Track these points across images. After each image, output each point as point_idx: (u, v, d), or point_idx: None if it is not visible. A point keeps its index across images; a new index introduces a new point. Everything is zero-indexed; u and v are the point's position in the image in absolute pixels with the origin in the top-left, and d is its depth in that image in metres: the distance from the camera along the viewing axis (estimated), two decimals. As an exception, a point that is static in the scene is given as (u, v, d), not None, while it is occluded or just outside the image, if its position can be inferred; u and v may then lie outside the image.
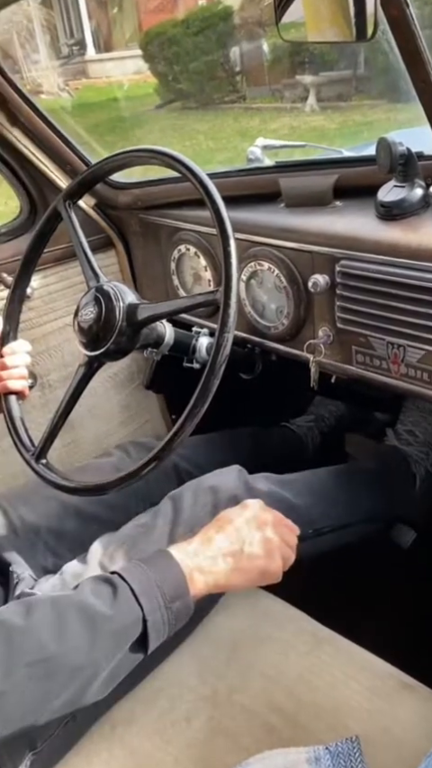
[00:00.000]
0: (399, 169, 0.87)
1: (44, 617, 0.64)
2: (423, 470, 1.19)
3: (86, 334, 0.94)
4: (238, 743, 0.73)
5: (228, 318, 0.81)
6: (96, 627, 0.64)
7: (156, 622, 0.67)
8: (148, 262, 1.34)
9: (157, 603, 0.67)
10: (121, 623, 0.66)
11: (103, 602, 0.66)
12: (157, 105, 7.96)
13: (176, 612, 0.69)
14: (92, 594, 0.67)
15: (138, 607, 0.66)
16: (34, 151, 1.24)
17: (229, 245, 0.82)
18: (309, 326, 1.02)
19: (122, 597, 0.66)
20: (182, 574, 0.70)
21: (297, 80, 7.07)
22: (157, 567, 0.71)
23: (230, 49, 7.67)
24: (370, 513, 1.08)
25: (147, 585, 0.68)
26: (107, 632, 0.65)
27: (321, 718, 0.74)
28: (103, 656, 0.64)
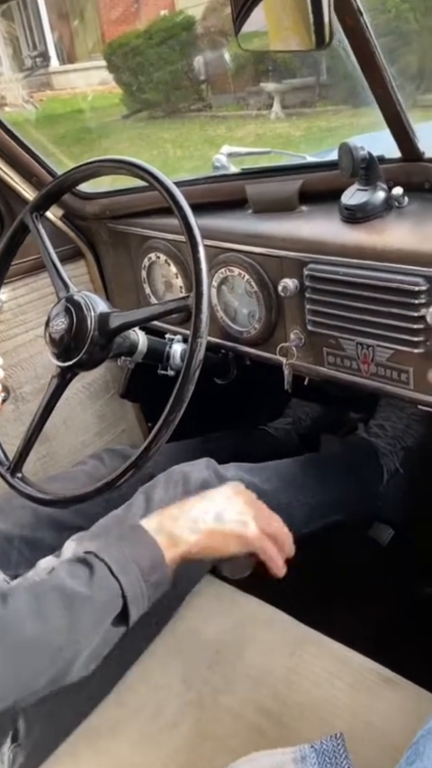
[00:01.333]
0: (361, 173, 0.89)
1: (21, 603, 0.64)
2: (392, 465, 1.21)
3: (58, 345, 0.94)
4: (225, 746, 0.73)
5: (200, 324, 0.82)
6: (75, 607, 0.64)
7: (135, 596, 0.67)
8: (118, 271, 1.34)
9: (135, 577, 0.68)
10: (99, 601, 0.66)
11: (80, 582, 0.66)
12: (123, 115, 7.97)
13: (155, 584, 0.69)
14: (68, 576, 0.67)
15: (116, 583, 0.67)
16: (0, 164, 1.23)
17: (198, 251, 0.83)
18: (280, 330, 1.03)
19: (99, 575, 0.67)
20: (156, 546, 0.71)
21: (261, 88, 7.14)
22: (132, 543, 0.71)
23: (194, 59, 7.72)
24: (338, 499, 1.10)
25: (123, 561, 0.68)
26: (86, 611, 0.65)
27: (306, 716, 0.75)
28: (84, 635, 0.64)
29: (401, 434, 1.24)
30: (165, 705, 0.77)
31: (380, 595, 1.18)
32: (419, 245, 0.82)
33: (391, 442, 1.23)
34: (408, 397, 0.89)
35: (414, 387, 0.88)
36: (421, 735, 0.62)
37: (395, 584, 1.21)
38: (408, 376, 0.88)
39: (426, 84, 5.99)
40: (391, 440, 1.23)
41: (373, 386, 0.93)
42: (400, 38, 5.72)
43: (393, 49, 5.55)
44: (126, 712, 0.78)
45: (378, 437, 1.23)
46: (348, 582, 1.09)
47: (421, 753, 0.59)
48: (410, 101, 4.22)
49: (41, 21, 9.62)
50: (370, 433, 1.24)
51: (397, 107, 0.81)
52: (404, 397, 0.90)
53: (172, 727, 0.75)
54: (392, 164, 0.91)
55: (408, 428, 1.25)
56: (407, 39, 5.83)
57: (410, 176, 0.90)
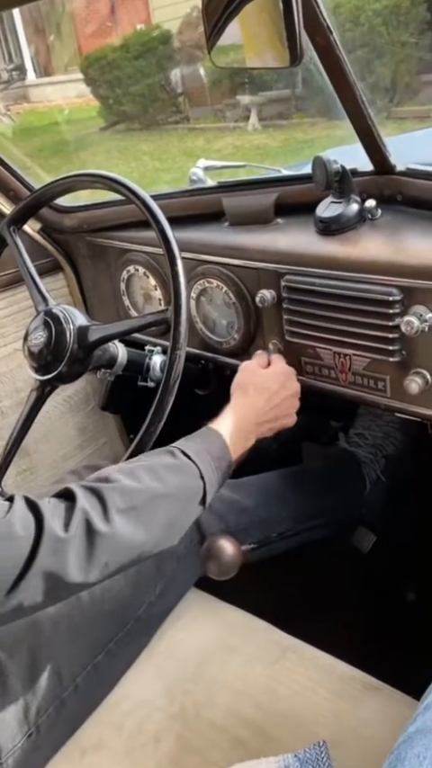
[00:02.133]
0: (335, 186, 0.91)
1: (122, 477, 0.72)
2: (373, 474, 1.22)
3: (37, 359, 0.94)
4: (208, 759, 0.73)
5: (179, 336, 0.83)
6: (165, 477, 0.74)
7: (209, 476, 0.78)
8: (97, 284, 1.34)
9: (209, 463, 0.78)
10: (183, 476, 0.76)
11: (165, 462, 0.76)
12: (101, 127, 7.99)
13: (222, 469, 0.80)
14: (155, 458, 0.77)
15: (194, 465, 0.77)
16: (-25, 178, 1.23)
17: (176, 264, 0.84)
18: (259, 340, 1.04)
19: (180, 459, 0.77)
20: (223, 441, 0.83)
21: (238, 100, 7.22)
22: (203, 438, 0.83)
23: (171, 72, 7.78)
24: (322, 513, 1.11)
25: (197, 451, 0.79)
26: (174, 480, 0.75)
27: (289, 726, 0.75)
28: (178, 490, 0.75)
29: (381, 443, 1.25)
30: (148, 720, 0.77)
31: (362, 603, 1.18)
32: (393, 257, 0.84)
33: (372, 450, 1.24)
34: (385, 404, 0.91)
35: (391, 395, 0.89)
36: (402, 740, 0.62)
37: (377, 591, 1.21)
38: (384, 384, 0.89)
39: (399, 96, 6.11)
40: (371, 449, 1.24)
41: (351, 394, 0.94)
42: (373, 51, 5.83)
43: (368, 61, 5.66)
44: (110, 729, 0.78)
45: (359, 446, 1.24)
46: (330, 590, 1.10)
47: (403, 758, 0.60)
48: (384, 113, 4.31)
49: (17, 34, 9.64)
50: (350, 443, 1.25)
51: (368, 121, 0.83)
52: (381, 404, 0.91)
53: (155, 743, 0.75)
54: (365, 177, 0.93)
55: (387, 436, 1.26)
56: (380, 52, 5.94)
57: (383, 189, 0.92)
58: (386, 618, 1.19)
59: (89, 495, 0.68)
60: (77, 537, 0.64)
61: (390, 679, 0.81)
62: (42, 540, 0.63)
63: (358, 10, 5.87)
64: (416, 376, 0.84)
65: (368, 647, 0.89)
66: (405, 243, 0.86)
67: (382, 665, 0.82)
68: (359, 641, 0.94)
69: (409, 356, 0.85)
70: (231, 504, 1.00)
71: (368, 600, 1.20)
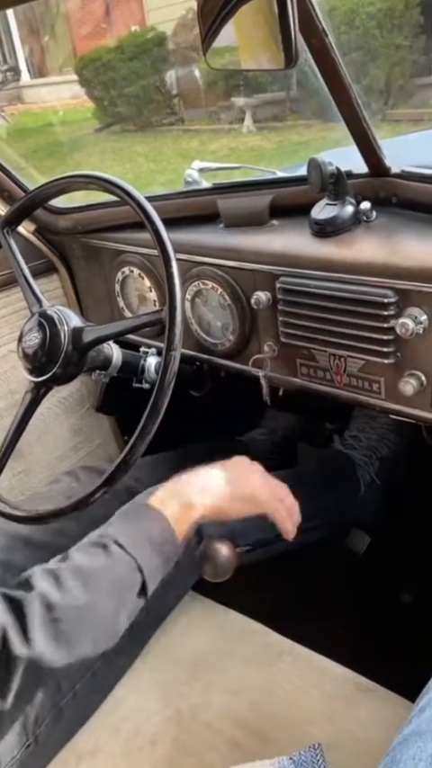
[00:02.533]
0: (330, 188, 0.91)
1: (45, 584, 0.67)
2: (368, 476, 1.22)
3: (31, 360, 0.93)
4: (204, 761, 0.73)
5: (174, 337, 0.82)
6: (95, 581, 0.68)
7: (149, 568, 0.70)
8: (91, 285, 1.34)
9: (147, 553, 0.71)
10: (117, 573, 0.70)
11: (95, 560, 0.70)
12: (95, 129, 7.99)
13: (166, 554, 0.73)
14: (83, 557, 0.70)
15: (130, 558, 0.70)
16: (-31, 179, 1.23)
17: (170, 265, 0.84)
18: (254, 342, 1.04)
19: (113, 552, 0.70)
20: (164, 519, 0.74)
21: (233, 102, 7.23)
22: (139, 520, 0.75)
23: (166, 73, 7.79)
24: (317, 515, 1.10)
25: (134, 538, 0.72)
26: (105, 583, 0.69)
27: (284, 728, 0.75)
28: (109, 602, 0.68)
29: (376, 445, 1.25)
30: (144, 724, 0.77)
31: (357, 605, 1.18)
32: (388, 259, 0.84)
33: (367, 453, 1.25)
34: (379, 406, 0.91)
35: (385, 396, 0.89)
36: (398, 742, 0.62)
37: (372, 593, 1.21)
38: (379, 386, 0.89)
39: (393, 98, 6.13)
40: (366, 451, 1.24)
41: (346, 396, 0.94)
42: (367, 53, 5.85)
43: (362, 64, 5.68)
44: (106, 734, 0.77)
45: (353, 449, 1.25)
46: (325, 592, 1.10)
47: (398, 760, 0.60)
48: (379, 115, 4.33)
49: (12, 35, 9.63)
50: (345, 445, 1.25)
51: (363, 124, 0.83)
52: (376, 406, 0.91)
53: (151, 746, 0.75)
54: (360, 179, 0.93)
55: (382, 438, 1.26)
56: (374, 54, 5.96)
57: (378, 191, 0.93)
58: (381, 620, 1.19)
59: (8, 610, 0.64)
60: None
61: (385, 681, 0.81)
62: None
63: (353, 13, 5.89)
64: (410, 378, 0.84)
65: (363, 649, 0.89)
66: (400, 245, 0.86)
67: (377, 666, 0.82)
68: (354, 643, 0.94)
69: (404, 358, 0.85)
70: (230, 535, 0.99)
71: (363, 602, 1.20)
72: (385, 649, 1.06)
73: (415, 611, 1.20)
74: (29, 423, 0.98)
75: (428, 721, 0.63)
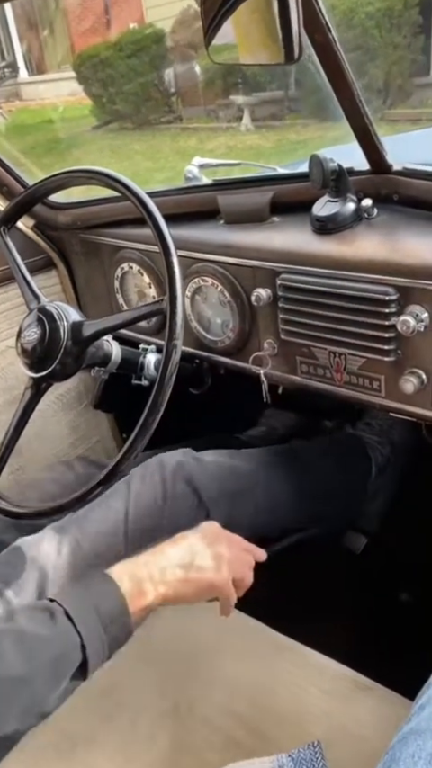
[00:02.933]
0: (331, 185, 0.90)
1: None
2: (380, 457, 1.21)
3: (30, 356, 0.93)
4: (202, 758, 0.72)
5: (175, 326, 0.81)
6: (34, 653, 0.63)
7: (95, 647, 0.65)
8: (91, 281, 1.33)
9: (95, 630, 0.66)
10: (59, 649, 0.64)
11: (40, 628, 0.64)
12: (93, 126, 7.97)
13: (115, 634, 0.67)
14: (29, 621, 0.65)
15: (75, 633, 0.65)
16: (-32, 174, 1.22)
17: (170, 254, 0.83)
18: (254, 339, 1.04)
19: (59, 623, 0.65)
20: (120, 595, 0.69)
21: (231, 101, 7.22)
22: (96, 591, 0.69)
23: (164, 71, 7.78)
24: (324, 485, 1.09)
25: (84, 611, 0.66)
26: (45, 657, 0.63)
27: (283, 725, 0.75)
28: (42, 679, 0.63)
29: (388, 429, 1.24)
30: (141, 716, 0.76)
31: (356, 603, 1.18)
32: (389, 256, 0.84)
33: (379, 434, 1.24)
34: (379, 404, 0.91)
35: (386, 395, 0.89)
36: (397, 740, 0.62)
37: (371, 591, 1.21)
38: (379, 384, 0.89)
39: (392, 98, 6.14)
40: (378, 434, 1.24)
41: (346, 394, 0.94)
42: (366, 53, 5.86)
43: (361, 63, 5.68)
44: (102, 724, 0.77)
45: (364, 432, 1.24)
46: (325, 591, 1.10)
47: (397, 758, 0.60)
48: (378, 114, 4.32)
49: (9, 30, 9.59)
50: (357, 429, 1.25)
51: (365, 120, 0.83)
52: (376, 404, 0.91)
53: (148, 740, 0.74)
54: (362, 176, 0.93)
55: (394, 425, 1.25)
56: (373, 54, 5.97)
57: (379, 188, 0.92)
58: (381, 618, 1.19)
59: None
60: None
61: (384, 679, 0.81)
62: None
63: (351, 12, 5.90)
64: (411, 376, 0.84)
65: (363, 648, 0.89)
66: (401, 242, 0.86)
67: (376, 665, 0.82)
68: (354, 642, 0.94)
69: (405, 356, 0.85)
70: (230, 468, 0.98)
71: (363, 601, 1.20)
72: (385, 648, 1.06)
73: (414, 610, 1.20)
74: (28, 420, 0.97)
75: (428, 719, 0.63)
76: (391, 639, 1.09)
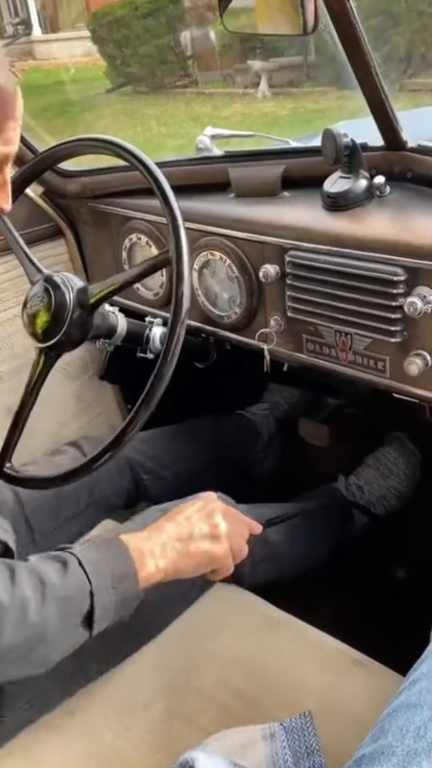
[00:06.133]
0: (344, 160, 0.89)
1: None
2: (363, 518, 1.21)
3: (37, 325, 0.93)
4: (196, 725, 0.74)
5: (182, 269, 0.79)
6: (46, 588, 0.65)
7: (102, 598, 0.67)
8: (98, 251, 1.32)
9: (104, 583, 0.68)
10: (69, 590, 0.66)
11: (54, 570, 0.67)
12: (107, 89, 7.81)
13: (123, 593, 0.69)
14: (44, 563, 0.68)
15: (86, 581, 0.67)
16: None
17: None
18: (261, 316, 1.03)
19: (72, 569, 0.67)
20: (130, 557, 0.71)
21: (248, 65, 7.05)
22: (107, 551, 0.72)
23: (181, 33, 7.58)
24: None
25: (96, 564, 0.69)
26: (55, 595, 0.65)
27: (277, 697, 0.76)
28: (51, 616, 0.64)
29: (375, 503, 1.23)
30: (136, 688, 0.78)
31: (352, 580, 1.20)
32: (399, 236, 0.83)
33: (367, 503, 1.22)
34: (384, 385, 0.90)
35: (390, 375, 0.89)
36: (387, 713, 0.64)
37: (367, 568, 1.23)
38: (384, 365, 0.89)
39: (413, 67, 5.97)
40: (366, 504, 1.22)
41: (351, 374, 0.94)
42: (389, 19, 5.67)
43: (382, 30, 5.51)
44: (97, 694, 0.79)
45: (354, 497, 1.22)
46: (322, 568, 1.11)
47: (386, 730, 0.61)
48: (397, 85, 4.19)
49: (24, -14, 9.35)
50: (348, 492, 1.23)
51: (381, 94, 0.81)
52: (380, 384, 0.91)
53: (143, 709, 0.76)
54: (375, 152, 0.91)
55: (383, 498, 1.23)
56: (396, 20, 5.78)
57: (393, 165, 0.91)
58: (376, 595, 1.20)
59: None
60: None
61: (378, 655, 0.82)
62: None
63: (376, -25, 5.70)
64: (416, 357, 0.84)
65: (357, 624, 0.90)
66: (413, 222, 0.84)
67: (370, 641, 0.83)
68: (349, 618, 0.95)
69: (411, 337, 0.85)
70: None
71: (359, 577, 1.21)
72: (380, 624, 1.07)
73: (409, 589, 1.22)
74: (39, 391, 0.98)
75: (418, 694, 0.64)
76: (387, 616, 1.11)
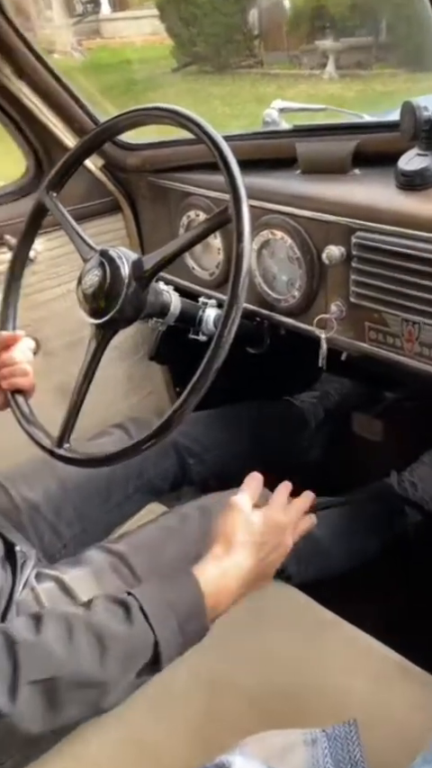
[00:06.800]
0: (422, 136, 0.83)
1: (54, 632, 0.62)
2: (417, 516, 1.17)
3: (92, 301, 0.90)
4: (234, 723, 0.72)
5: (243, 229, 0.75)
6: (106, 648, 0.63)
7: (168, 646, 0.66)
8: (155, 227, 1.30)
9: (170, 628, 0.66)
10: (132, 646, 0.65)
11: (115, 624, 0.65)
12: (173, 69, 7.76)
13: (191, 633, 0.68)
14: (105, 614, 0.66)
15: (150, 631, 0.65)
16: (41, 107, 1.19)
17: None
18: (320, 300, 0.98)
19: (135, 620, 0.65)
20: (199, 594, 0.69)
21: (316, 46, 6.86)
22: (174, 588, 0.69)
23: (249, 12, 7.44)
24: None
25: (160, 608, 0.66)
26: (118, 654, 0.64)
27: (321, 701, 0.73)
28: (112, 675, 0.63)
29: (429, 500, 1.18)
30: (176, 678, 0.76)
31: (405, 585, 1.14)
32: None
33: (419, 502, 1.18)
34: (452, 381, 0.84)
35: (459, 371, 0.83)
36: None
37: (420, 573, 1.17)
38: (454, 358, 0.83)
39: None
40: (419, 500, 1.18)
41: (416, 366, 0.88)
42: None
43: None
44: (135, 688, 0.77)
45: (406, 493, 1.18)
46: (377, 571, 1.06)
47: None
48: None
49: (94, -36, 9.36)
50: (400, 487, 1.18)
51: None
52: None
53: (182, 701, 0.74)
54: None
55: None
56: None
57: None
58: (428, 603, 1.14)
59: (4, 650, 0.59)
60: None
61: (428, 666, 0.77)
62: None
63: None
64: None
65: (408, 629, 0.86)
66: None
67: (420, 650, 0.79)
68: (398, 622, 0.90)
69: None
70: None
71: (410, 583, 1.16)
72: (431, 633, 1.02)
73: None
74: (96, 370, 0.96)
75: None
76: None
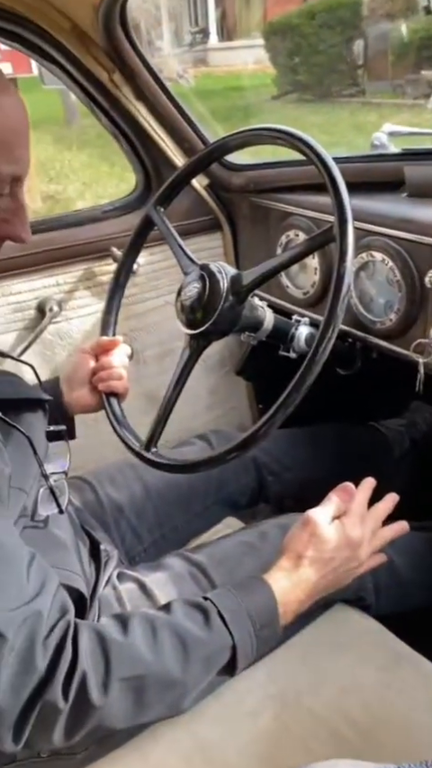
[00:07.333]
0: None
1: (141, 634, 0.66)
2: None
3: (190, 312, 0.93)
4: (304, 746, 0.70)
5: (346, 247, 0.75)
6: (188, 650, 0.66)
7: (244, 650, 0.69)
8: (253, 246, 1.32)
9: (247, 632, 0.69)
10: (211, 649, 0.68)
11: (196, 627, 0.68)
12: (273, 96, 7.90)
13: (265, 639, 0.71)
14: (185, 618, 0.69)
15: (228, 635, 0.68)
16: (155, 127, 1.24)
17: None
18: (420, 325, 0.96)
19: (214, 624, 0.69)
20: (273, 600, 0.72)
21: (422, 75, 6.78)
22: (250, 595, 0.72)
23: (354, 42, 7.48)
24: None
25: (237, 613, 0.70)
26: (198, 656, 0.67)
27: (395, 736, 0.70)
28: (193, 677, 0.67)
29: None
30: (247, 694, 0.75)
31: None
32: None
33: None
34: None
35: None
36: None
37: None
38: None
39: None
40: None
41: None
42: None
43: None
44: (208, 695, 0.76)
45: None
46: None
47: None
48: None
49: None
50: None
51: None
52: None
53: (252, 717, 0.73)
54: None
55: None
56: None
57: None
58: None
59: (93, 655, 0.62)
60: (70, 706, 0.60)
61: None
62: (41, 700, 0.59)
63: None
64: None
65: None
66: None
67: None
68: None
69: None
70: None
71: None
72: None
73: None
74: (187, 380, 0.98)
75: None
76: None
